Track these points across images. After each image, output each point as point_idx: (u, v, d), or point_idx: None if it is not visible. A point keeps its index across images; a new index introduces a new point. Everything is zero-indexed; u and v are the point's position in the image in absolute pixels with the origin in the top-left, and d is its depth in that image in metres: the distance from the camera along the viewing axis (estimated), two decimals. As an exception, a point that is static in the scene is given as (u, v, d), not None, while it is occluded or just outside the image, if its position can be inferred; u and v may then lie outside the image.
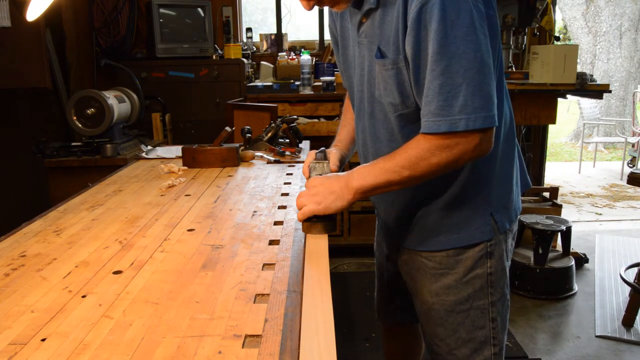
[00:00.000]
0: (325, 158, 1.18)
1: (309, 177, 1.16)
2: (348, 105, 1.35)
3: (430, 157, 0.94)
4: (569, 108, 10.43)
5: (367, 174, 1.01)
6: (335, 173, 1.12)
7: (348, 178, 1.03)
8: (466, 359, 1.14)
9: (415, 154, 0.95)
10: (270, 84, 3.27)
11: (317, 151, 1.19)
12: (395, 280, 1.32)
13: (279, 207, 1.36)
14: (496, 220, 1.09)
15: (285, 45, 3.77)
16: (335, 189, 1.03)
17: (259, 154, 2.03)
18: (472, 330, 1.12)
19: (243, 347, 0.71)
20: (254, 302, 0.83)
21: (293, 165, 1.88)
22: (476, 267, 1.09)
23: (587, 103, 6.84)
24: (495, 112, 0.93)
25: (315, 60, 3.59)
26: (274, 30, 3.79)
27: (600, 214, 4.56)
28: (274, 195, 1.48)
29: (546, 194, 3.40)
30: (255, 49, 3.73)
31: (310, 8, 1.02)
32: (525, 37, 3.46)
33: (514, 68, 3.50)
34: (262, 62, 3.57)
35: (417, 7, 0.90)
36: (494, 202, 1.09)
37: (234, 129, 2.14)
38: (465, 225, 1.08)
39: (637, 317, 2.48)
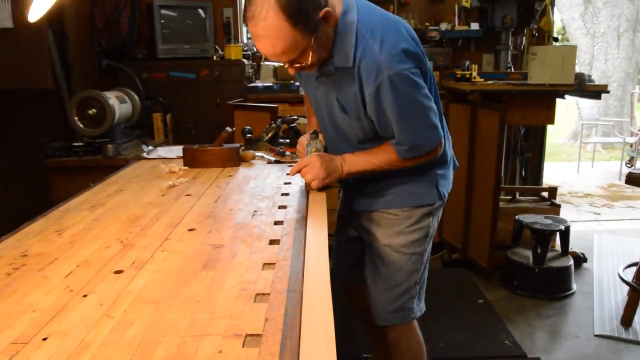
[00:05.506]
0: (318, 136, 1.49)
1: (307, 151, 1.47)
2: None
3: (404, 162, 1.37)
4: (568, 108, 10.37)
5: (356, 163, 1.40)
6: (328, 155, 1.42)
7: (341, 163, 1.40)
8: (402, 295, 1.52)
9: (395, 159, 1.36)
10: (271, 84, 3.27)
11: (310, 133, 1.50)
12: (355, 243, 1.66)
13: (279, 207, 1.37)
14: (439, 190, 1.50)
15: (286, 46, 3.77)
16: (333, 170, 1.40)
17: (259, 154, 2.03)
18: (411, 272, 1.51)
19: (243, 346, 0.71)
20: (255, 302, 0.83)
21: (293, 165, 1.88)
22: (421, 221, 1.50)
23: (586, 103, 6.84)
24: (441, 132, 1.34)
25: (316, 61, 3.59)
26: (274, 31, 3.79)
27: (599, 214, 4.55)
28: (274, 195, 1.49)
29: (545, 194, 3.39)
30: (255, 49, 3.73)
31: (294, 73, 1.32)
32: (524, 37, 3.46)
33: (512, 69, 3.49)
34: (262, 63, 3.57)
35: (373, 89, 1.24)
36: (439, 178, 1.50)
37: (234, 129, 2.15)
38: (419, 192, 1.49)
39: (636, 317, 2.48)
